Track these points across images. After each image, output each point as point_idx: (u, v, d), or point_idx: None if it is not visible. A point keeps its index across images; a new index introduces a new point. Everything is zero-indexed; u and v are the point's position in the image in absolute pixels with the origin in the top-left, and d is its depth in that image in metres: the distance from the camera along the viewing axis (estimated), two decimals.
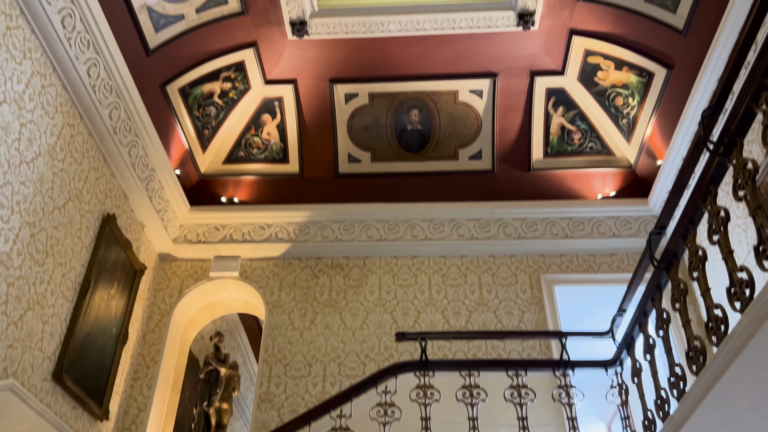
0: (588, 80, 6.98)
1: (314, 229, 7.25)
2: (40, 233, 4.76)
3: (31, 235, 4.64)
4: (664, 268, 3.77)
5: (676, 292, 3.56)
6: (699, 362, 3.17)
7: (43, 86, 4.76)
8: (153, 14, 5.81)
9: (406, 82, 7.37)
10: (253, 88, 7.25)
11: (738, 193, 2.87)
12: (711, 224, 3.12)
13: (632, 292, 4.54)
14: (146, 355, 6.57)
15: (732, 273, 2.86)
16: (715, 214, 3.09)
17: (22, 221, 4.53)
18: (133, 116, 5.86)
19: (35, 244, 4.70)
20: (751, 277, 2.74)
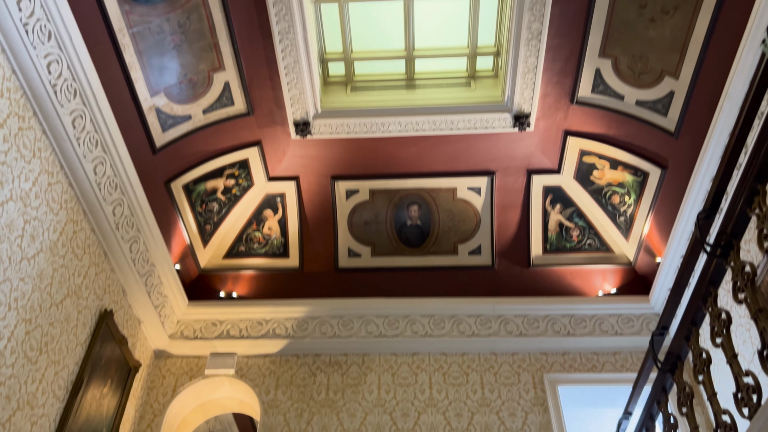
0: (584, 179, 7.13)
1: (313, 324, 7.16)
2: (35, 330, 4.70)
3: (26, 332, 4.59)
4: (669, 370, 3.71)
5: (682, 396, 3.48)
6: None
7: (50, 184, 4.86)
8: (161, 115, 6.02)
9: (406, 179, 7.52)
10: (256, 185, 7.40)
11: (738, 295, 2.86)
12: (713, 326, 3.09)
13: (637, 394, 4.43)
14: None
15: (737, 378, 2.81)
16: (717, 317, 3.07)
17: (19, 318, 4.49)
18: (136, 212, 5.94)
19: (30, 342, 4.63)
20: (757, 382, 2.69)
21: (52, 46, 4.58)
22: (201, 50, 5.94)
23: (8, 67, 4.30)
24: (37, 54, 4.45)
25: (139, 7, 5.34)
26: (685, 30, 5.38)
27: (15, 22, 4.20)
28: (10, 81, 4.33)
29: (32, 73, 4.45)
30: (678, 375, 3.64)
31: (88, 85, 4.99)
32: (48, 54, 4.56)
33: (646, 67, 5.86)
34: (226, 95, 6.41)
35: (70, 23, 4.68)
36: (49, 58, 4.58)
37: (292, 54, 6.29)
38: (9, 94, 4.32)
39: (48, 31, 4.52)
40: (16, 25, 4.22)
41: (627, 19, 5.70)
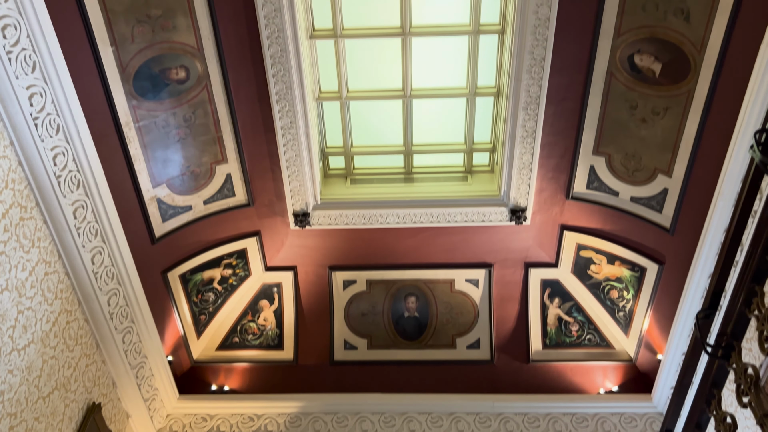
0: (582, 273, 7.12)
1: (306, 420, 6.94)
2: (19, 425, 4.54)
3: (10, 427, 4.43)
4: None
5: None
6: None
7: (47, 273, 4.84)
8: (162, 205, 6.09)
9: (404, 271, 7.51)
10: (253, 275, 7.37)
11: (742, 399, 2.80)
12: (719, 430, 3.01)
13: None
14: None
15: None
16: (722, 420, 2.99)
17: (3, 412, 4.35)
18: (132, 303, 5.89)
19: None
20: None
21: (60, 139, 4.70)
22: (205, 143, 6.09)
23: (15, 159, 4.39)
24: (45, 146, 4.56)
25: (147, 102, 5.53)
26: (675, 130, 5.55)
27: (25, 116, 4.34)
28: (16, 172, 4.41)
29: (38, 165, 4.54)
30: None
31: (92, 176, 5.07)
32: (55, 146, 4.67)
33: (639, 165, 5.99)
34: (228, 186, 6.51)
35: (78, 117, 4.83)
36: (56, 151, 4.68)
37: (293, 148, 6.44)
38: (14, 185, 4.38)
39: (57, 125, 4.65)
40: (26, 119, 4.35)
41: (619, 119, 5.89)
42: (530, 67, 5.84)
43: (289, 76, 5.91)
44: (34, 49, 4.31)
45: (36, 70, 4.37)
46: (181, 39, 5.41)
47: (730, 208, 5.07)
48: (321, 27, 6.31)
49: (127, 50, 5.19)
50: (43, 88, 4.47)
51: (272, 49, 5.72)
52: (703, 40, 4.98)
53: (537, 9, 5.48)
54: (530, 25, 5.58)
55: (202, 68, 5.64)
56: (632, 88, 5.63)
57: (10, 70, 4.15)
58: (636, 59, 5.50)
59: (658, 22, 5.20)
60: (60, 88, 4.58)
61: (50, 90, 4.52)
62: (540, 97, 6.01)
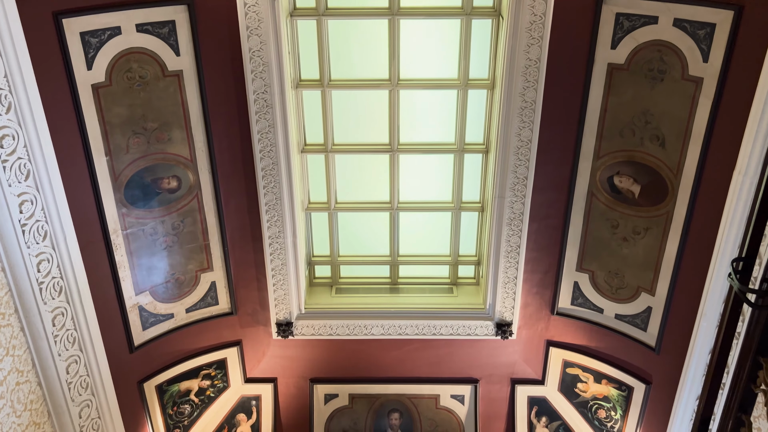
0: (569, 390, 6.99)
1: None
2: None
3: None
4: None
5: None
6: None
7: (18, 383, 4.68)
8: (143, 313, 6.00)
9: (388, 385, 7.33)
10: (232, 386, 7.15)
11: None
12: None
13: None
14: None
15: None
16: None
17: None
18: (104, 415, 5.66)
19: None
20: None
21: (46, 245, 4.71)
22: (191, 251, 6.10)
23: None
24: (30, 253, 4.55)
25: (137, 210, 5.59)
26: (656, 250, 5.67)
27: (14, 222, 4.36)
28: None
29: (21, 271, 4.51)
30: None
31: (75, 283, 5.03)
32: (40, 253, 4.66)
33: (622, 282, 6.06)
34: (211, 294, 6.46)
35: (67, 224, 4.86)
36: (41, 257, 4.67)
37: (280, 257, 6.47)
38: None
39: (44, 232, 4.67)
40: (14, 225, 4.37)
41: (601, 237, 6.01)
42: (513, 185, 6.03)
43: (280, 188, 6.04)
44: (29, 158, 4.41)
45: (29, 178, 4.45)
46: (175, 150, 5.56)
47: (713, 328, 5.08)
48: (312, 142, 6.53)
49: (121, 160, 5.31)
50: (35, 195, 4.52)
51: (264, 162, 5.88)
52: (679, 164, 5.20)
53: (519, 132, 5.74)
54: (513, 146, 5.82)
55: (194, 178, 5.76)
56: (613, 208, 5.80)
57: (4, 178, 4.22)
58: (615, 181, 5.70)
59: (636, 147, 5.45)
60: (51, 195, 4.64)
61: (41, 197, 4.57)
62: (523, 213, 6.16)
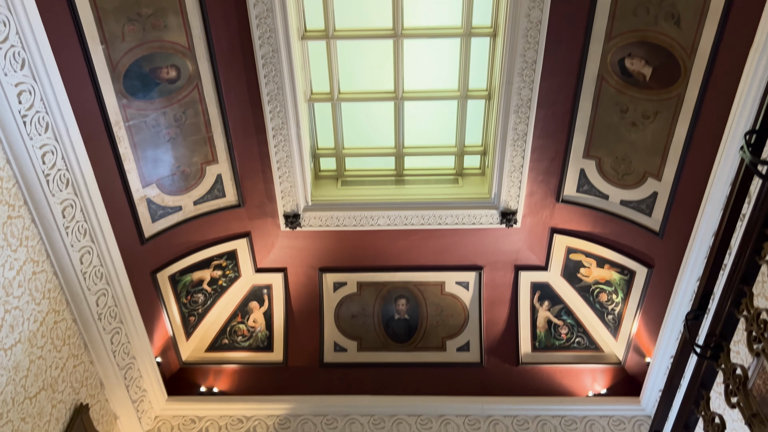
0: (571, 276, 7.15)
1: (295, 423, 6.91)
2: (5, 426, 4.49)
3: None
4: None
5: None
6: None
7: (34, 273, 4.80)
8: (152, 205, 6.05)
9: (394, 273, 7.50)
10: (243, 276, 7.34)
11: (731, 399, 2.82)
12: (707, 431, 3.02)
13: None
14: None
15: None
16: (710, 421, 3.00)
17: None
18: (121, 303, 5.84)
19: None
20: None
21: (49, 137, 4.67)
22: (195, 143, 6.06)
23: (3, 157, 4.35)
24: (33, 144, 4.52)
25: (137, 102, 5.50)
26: (665, 134, 5.59)
27: (14, 113, 4.30)
28: (4, 170, 4.37)
29: (26, 163, 4.50)
30: None
31: (81, 175, 5.04)
32: (44, 145, 4.63)
33: (629, 168, 6.03)
34: (218, 187, 6.49)
35: (67, 115, 4.79)
36: (45, 149, 4.64)
37: (284, 149, 6.42)
38: (1, 183, 4.34)
39: (46, 123, 4.61)
40: (15, 116, 4.31)
41: (609, 122, 5.92)
42: (521, 70, 5.86)
43: (281, 77, 5.89)
44: (23, 45, 4.28)
45: (25, 67, 4.34)
46: (172, 38, 5.39)
47: (718, 212, 5.11)
48: (313, 28, 6.30)
49: (117, 49, 5.16)
50: (32, 85, 4.43)
51: (264, 50, 5.71)
52: (693, 44, 5.02)
53: (529, 12, 5.50)
54: (522, 28, 5.60)
55: (193, 68, 5.62)
56: (623, 91, 5.66)
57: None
58: (627, 63, 5.53)
59: (649, 27, 5.24)
60: (49, 85, 4.54)
61: (39, 87, 4.48)
62: (531, 100, 6.03)
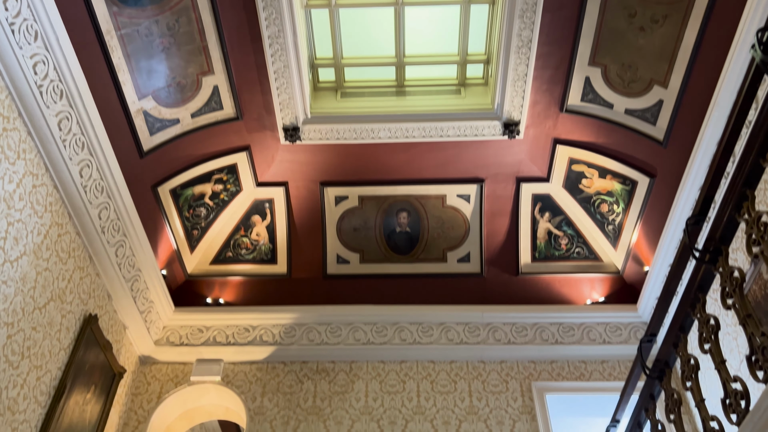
0: (573, 187, 7.14)
1: (300, 331, 7.11)
2: (17, 334, 4.62)
3: (7, 336, 4.51)
4: (657, 377, 3.70)
5: (669, 403, 3.46)
6: None
7: (35, 186, 4.79)
8: (149, 118, 5.97)
9: (396, 186, 7.50)
10: (245, 190, 7.35)
11: (726, 301, 2.86)
12: (701, 332, 3.09)
13: (625, 402, 4.41)
14: None
15: (726, 383, 2.80)
16: (705, 323, 3.06)
17: (0, 322, 4.41)
18: (123, 216, 5.87)
19: (11, 346, 4.55)
20: (745, 387, 2.68)
21: (39, 46, 4.54)
22: (190, 53, 5.90)
23: None
24: (23, 54, 4.40)
25: (128, 9, 5.31)
26: (674, 39, 5.42)
27: (1, 21, 4.15)
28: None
29: (18, 74, 4.40)
30: (666, 382, 3.62)
31: (74, 86, 4.94)
32: (34, 54, 4.51)
33: (635, 75, 5.89)
34: (215, 99, 6.38)
35: (57, 24, 4.64)
36: (36, 59, 4.53)
37: (281, 59, 6.26)
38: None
39: (35, 32, 4.47)
40: (2, 24, 4.17)
41: (616, 27, 5.73)
42: None
43: None
44: None
45: None
46: None
47: (724, 119, 5.02)
48: None
49: None
50: None
51: None
52: None
53: None
54: None
55: None
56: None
57: None
58: None
59: None
60: None
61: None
62: (536, 4, 5.82)
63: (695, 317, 3.18)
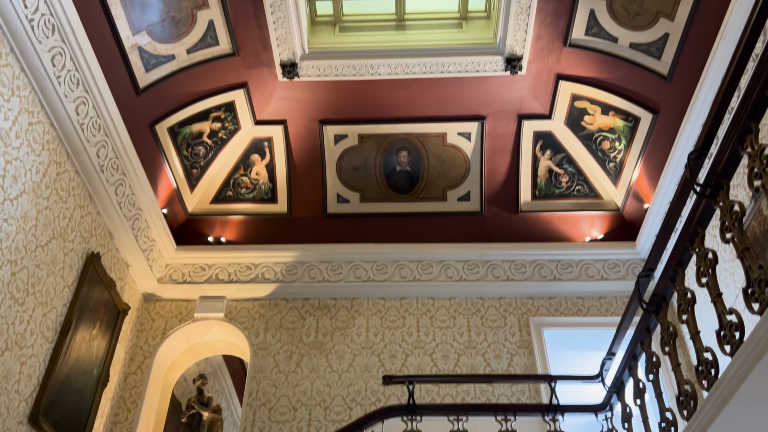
0: (575, 124, 7.07)
1: (301, 269, 7.18)
2: (21, 272, 4.67)
3: (11, 273, 4.55)
4: (653, 311, 3.75)
5: (665, 335, 3.52)
6: (690, 407, 3.12)
7: (31, 123, 4.74)
8: (144, 54, 5.85)
9: (396, 124, 7.42)
10: (243, 129, 7.28)
11: (725, 235, 2.86)
12: (699, 266, 3.11)
13: (621, 336, 4.50)
14: (127, 397, 6.40)
15: (721, 316, 2.84)
16: (703, 257, 3.08)
17: (3, 259, 4.45)
18: (121, 155, 5.84)
19: (16, 283, 4.61)
20: (740, 319, 2.71)
21: None
22: None
23: None
24: None
25: None
26: None
27: None
28: None
29: (7, 7, 4.28)
30: (662, 316, 3.68)
31: (66, 20, 4.82)
32: None
33: (641, 7, 5.73)
34: (210, 34, 6.23)
35: None
36: None
37: None
38: None
39: None
40: None
41: None
42: None
43: None
44: None
45: None
46: None
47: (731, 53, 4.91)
48: None
49: None
50: None
51: None
52: None
53: None
54: None
55: None
56: None
57: None
58: None
59: None
60: None
61: None
62: None
63: (693, 252, 3.19)
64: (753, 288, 2.59)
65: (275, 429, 6.16)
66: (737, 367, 2.59)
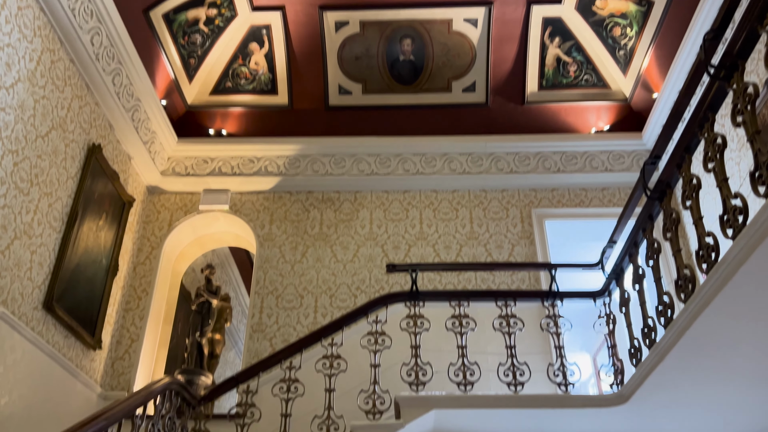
0: (586, 9, 6.78)
1: (304, 162, 7.16)
2: (23, 162, 4.65)
3: (14, 163, 4.54)
4: (657, 198, 3.75)
5: (668, 222, 3.54)
6: (688, 290, 3.18)
7: (20, 8, 4.55)
8: None
9: (399, 10, 7.13)
10: (240, 15, 7.00)
11: (737, 118, 2.80)
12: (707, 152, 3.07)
13: (623, 224, 4.53)
14: (137, 286, 6.57)
15: (726, 200, 2.83)
16: (712, 141, 3.03)
17: (5, 149, 4.42)
18: (116, 42, 5.66)
19: (19, 173, 4.60)
20: (745, 203, 2.71)
21: None
22: None
23: None
24: None
25: None
26: None
27: None
28: None
29: None
30: (666, 202, 3.67)
31: None
32: None
33: None
34: None
35: None
36: None
37: None
38: None
39: None
40: None
41: None
42: None
43: None
44: None
45: None
46: None
47: None
48: None
49: None
50: None
51: None
52: None
53: None
54: None
55: None
56: None
57: None
58: None
59: None
60: None
61: None
62: None
63: (702, 137, 3.14)
64: (761, 171, 2.56)
65: (283, 315, 6.37)
66: (738, 250, 2.62)
